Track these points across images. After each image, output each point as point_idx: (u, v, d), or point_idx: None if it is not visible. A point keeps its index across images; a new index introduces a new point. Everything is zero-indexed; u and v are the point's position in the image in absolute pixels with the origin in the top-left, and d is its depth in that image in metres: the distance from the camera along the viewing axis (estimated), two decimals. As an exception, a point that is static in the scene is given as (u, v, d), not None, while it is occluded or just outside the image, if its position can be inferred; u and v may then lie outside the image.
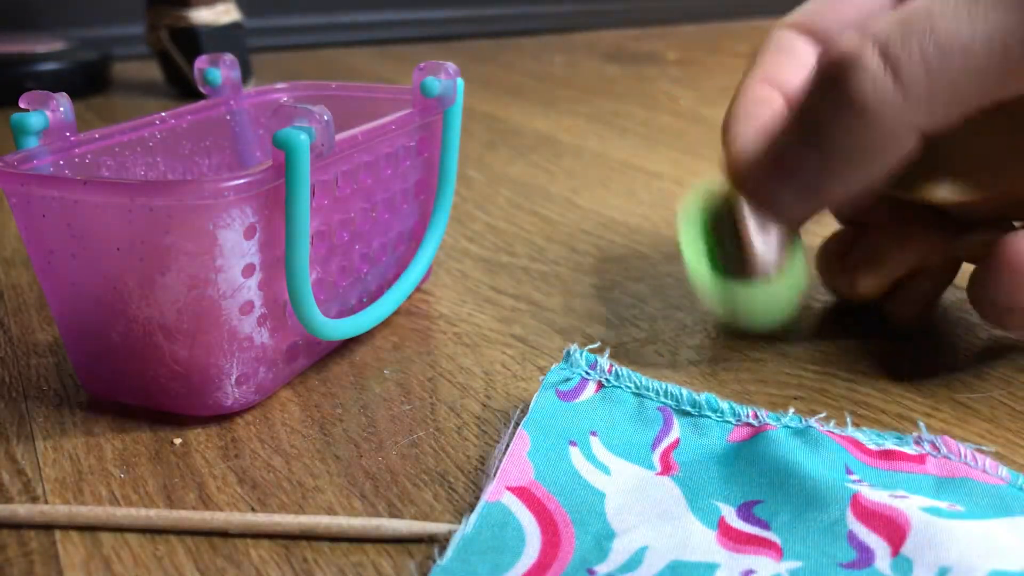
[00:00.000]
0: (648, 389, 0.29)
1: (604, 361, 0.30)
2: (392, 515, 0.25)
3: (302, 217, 0.28)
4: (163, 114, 0.36)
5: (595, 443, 0.27)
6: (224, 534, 0.25)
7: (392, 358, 0.35)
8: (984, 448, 0.28)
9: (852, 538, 0.23)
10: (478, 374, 0.34)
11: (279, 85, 0.42)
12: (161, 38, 0.88)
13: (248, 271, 0.28)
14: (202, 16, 0.87)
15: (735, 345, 0.36)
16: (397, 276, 0.38)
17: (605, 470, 0.26)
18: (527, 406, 0.29)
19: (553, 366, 0.30)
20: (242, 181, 0.27)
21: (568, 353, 0.30)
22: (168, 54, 0.88)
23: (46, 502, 0.26)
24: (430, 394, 0.32)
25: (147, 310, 0.28)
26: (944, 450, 0.26)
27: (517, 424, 0.28)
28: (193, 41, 0.87)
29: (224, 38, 0.88)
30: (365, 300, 0.36)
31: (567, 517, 0.24)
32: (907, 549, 0.22)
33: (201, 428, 0.30)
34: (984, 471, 0.25)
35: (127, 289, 0.28)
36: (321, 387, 0.33)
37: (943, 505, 0.24)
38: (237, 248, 0.28)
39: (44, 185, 0.27)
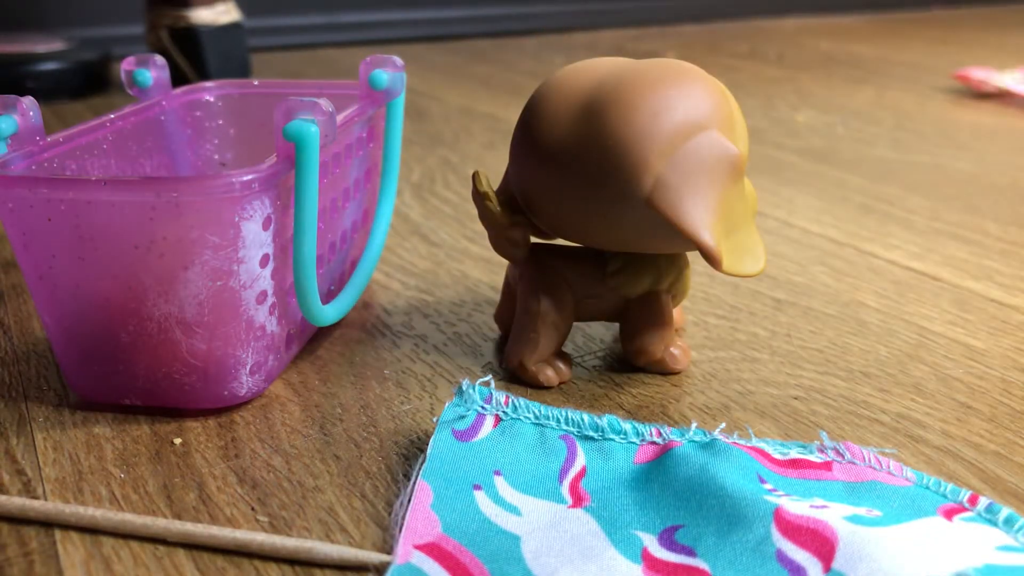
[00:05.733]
0: (548, 418, 0.28)
1: (499, 394, 0.28)
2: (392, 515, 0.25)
3: (311, 206, 0.29)
4: (111, 116, 0.36)
5: (500, 483, 0.26)
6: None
7: (391, 358, 0.35)
8: (886, 451, 0.28)
9: (781, 557, 0.22)
10: (478, 374, 0.34)
11: (207, 84, 0.42)
12: (161, 38, 0.88)
13: (264, 261, 0.29)
14: (202, 16, 0.87)
15: (735, 345, 0.36)
16: (354, 263, 0.39)
17: (515, 511, 0.25)
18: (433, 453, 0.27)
19: (447, 404, 0.28)
20: (266, 173, 0.27)
21: (461, 388, 0.29)
22: (168, 54, 0.88)
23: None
24: (430, 394, 0.32)
25: (164, 306, 0.28)
26: (848, 456, 0.26)
27: (418, 475, 0.26)
28: (193, 41, 0.87)
29: (224, 38, 0.88)
30: (333, 288, 0.37)
31: (483, 569, 0.23)
32: (838, 563, 0.21)
33: (201, 428, 0.30)
34: (890, 473, 0.25)
35: (142, 287, 0.28)
36: (321, 387, 0.33)
37: (862, 511, 0.23)
38: (257, 239, 0.28)
39: (57, 188, 0.27)
